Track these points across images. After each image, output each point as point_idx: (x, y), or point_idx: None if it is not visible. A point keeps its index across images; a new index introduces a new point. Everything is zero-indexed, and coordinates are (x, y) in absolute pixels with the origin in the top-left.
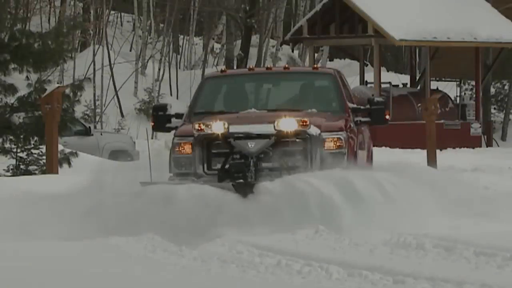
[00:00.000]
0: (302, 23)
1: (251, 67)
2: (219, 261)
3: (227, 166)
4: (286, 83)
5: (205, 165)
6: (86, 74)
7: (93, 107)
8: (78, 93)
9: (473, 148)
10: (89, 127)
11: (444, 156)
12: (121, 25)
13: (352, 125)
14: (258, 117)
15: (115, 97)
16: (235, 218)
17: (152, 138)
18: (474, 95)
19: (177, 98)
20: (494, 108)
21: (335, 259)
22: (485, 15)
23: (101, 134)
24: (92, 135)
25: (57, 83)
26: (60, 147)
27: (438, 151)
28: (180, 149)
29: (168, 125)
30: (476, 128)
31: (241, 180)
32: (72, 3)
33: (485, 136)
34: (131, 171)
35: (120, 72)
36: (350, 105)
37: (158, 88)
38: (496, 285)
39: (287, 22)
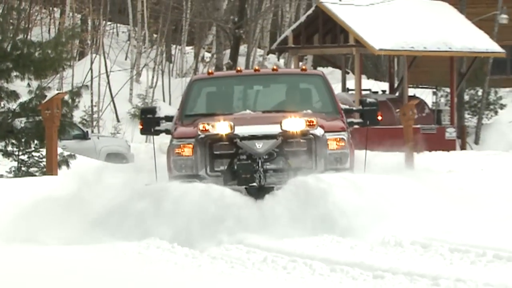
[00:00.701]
0: (287, 34)
1: (239, 69)
2: (208, 258)
3: (233, 167)
4: (276, 85)
5: (208, 167)
6: (84, 81)
7: (90, 112)
8: (77, 99)
9: (448, 151)
10: (87, 131)
11: (421, 159)
12: (117, 35)
13: (347, 126)
14: (262, 117)
15: (111, 103)
16: (238, 221)
17: (145, 141)
18: (449, 101)
19: (169, 104)
20: (468, 114)
21: (318, 255)
22: (459, 26)
23: (98, 138)
24: (90, 138)
25: (57, 90)
26: (59, 150)
27: (415, 154)
28: (180, 151)
29: (157, 128)
30: (451, 132)
31: (254, 184)
32: (70, 14)
33: (460, 140)
34: (130, 173)
35: (116, 80)
36: (342, 106)
37: (152, 94)
38: (469, 279)
39: (273, 33)
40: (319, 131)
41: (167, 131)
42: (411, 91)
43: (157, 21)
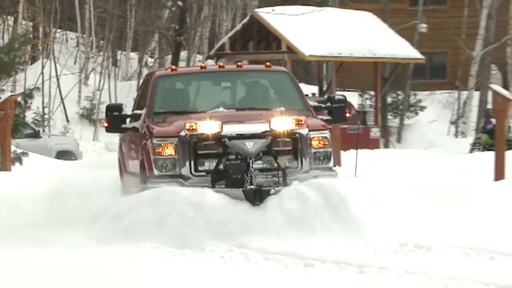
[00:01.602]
0: (224, 41)
1: (203, 65)
2: (151, 247)
3: (221, 167)
4: (243, 81)
5: (192, 167)
6: (35, 84)
7: (41, 113)
8: (29, 101)
9: (373, 149)
10: (38, 130)
11: (347, 157)
12: (67, 41)
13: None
14: (246, 116)
15: (61, 104)
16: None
17: (93, 140)
18: (374, 104)
19: None
20: (391, 115)
21: (253, 245)
22: (382, 35)
23: (49, 137)
24: (41, 137)
25: (10, 92)
26: (13, 148)
27: (342, 152)
28: (162, 150)
29: (123, 125)
30: (375, 132)
31: (252, 186)
32: (23, 22)
33: (383, 139)
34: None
35: (65, 83)
36: (311, 103)
37: (99, 96)
38: (392, 267)
39: (212, 40)
40: (304, 130)
41: (135, 129)
42: (339, 94)
43: (103, 28)
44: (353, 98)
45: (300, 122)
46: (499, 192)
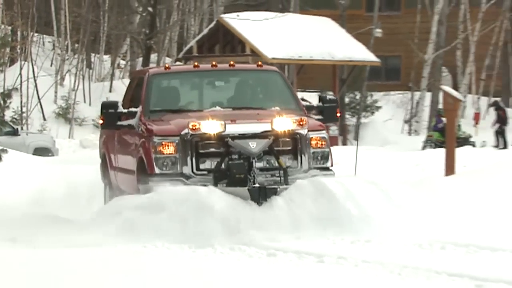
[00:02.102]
0: (192, 44)
1: (196, 64)
2: (123, 240)
3: (224, 166)
4: (236, 80)
5: (193, 166)
6: (14, 84)
7: (20, 112)
8: (8, 101)
9: (332, 146)
10: (17, 128)
11: None
12: (43, 44)
13: None
14: (246, 115)
15: (38, 103)
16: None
17: (68, 137)
18: None
19: (89, 105)
20: (348, 114)
21: (222, 238)
22: (340, 39)
23: (27, 134)
24: (19, 135)
25: None
26: None
27: None
28: (163, 149)
29: (119, 122)
30: (333, 130)
31: (257, 185)
32: (2, 26)
33: (341, 137)
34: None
35: (42, 83)
36: (303, 102)
37: (74, 96)
38: (350, 257)
39: (180, 43)
40: (304, 130)
41: (130, 126)
42: (299, 95)
43: (78, 32)
44: (313, 98)
45: (301, 123)
46: (449, 187)
